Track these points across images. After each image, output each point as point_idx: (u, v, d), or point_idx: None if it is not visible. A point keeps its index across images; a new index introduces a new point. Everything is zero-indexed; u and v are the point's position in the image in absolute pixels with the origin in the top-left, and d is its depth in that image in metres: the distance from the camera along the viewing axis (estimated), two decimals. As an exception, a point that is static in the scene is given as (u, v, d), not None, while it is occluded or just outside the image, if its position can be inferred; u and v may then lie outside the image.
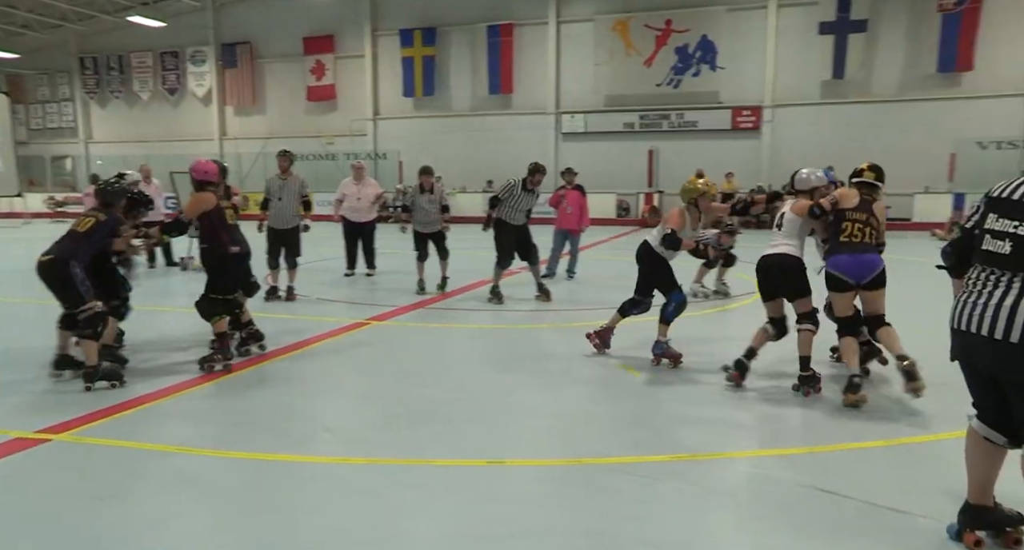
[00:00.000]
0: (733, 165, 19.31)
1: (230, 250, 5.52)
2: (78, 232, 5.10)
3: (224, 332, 5.52)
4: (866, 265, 4.64)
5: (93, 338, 4.92)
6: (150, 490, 3.45)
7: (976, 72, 18.06)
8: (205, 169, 5.64)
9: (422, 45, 22.62)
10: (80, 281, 4.91)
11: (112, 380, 4.99)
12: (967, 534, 2.86)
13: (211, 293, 5.54)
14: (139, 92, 26.74)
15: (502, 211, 8.06)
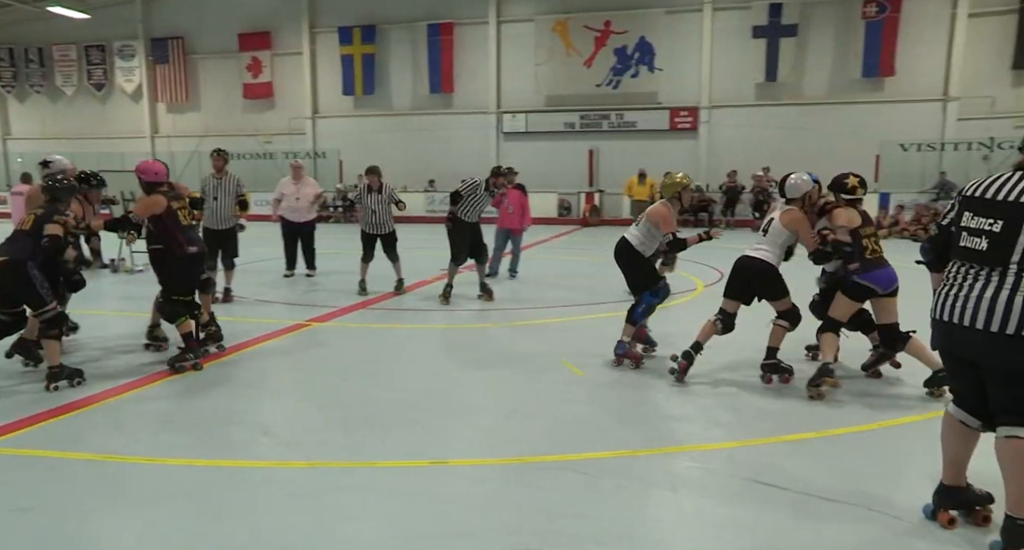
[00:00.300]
0: (672, 165, 19.48)
1: (188, 250, 5.45)
2: (24, 231, 4.97)
3: (190, 332, 5.46)
4: (893, 276, 4.86)
5: (56, 338, 4.88)
6: (76, 501, 3.31)
7: (898, 77, 18.90)
8: (155, 170, 5.55)
9: (361, 43, 22.34)
10: (39, 283, 4.86)
11: (75, 378, 4.94)
12: (941, 513, 3.05)
13: (172, 295, 5.47)
14: (62, 87, 25.57)
15: (460, 208, 8.02)
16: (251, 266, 11.11)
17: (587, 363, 5.62)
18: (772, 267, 5.04)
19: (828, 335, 4.95)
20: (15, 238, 4.98)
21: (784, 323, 5.10)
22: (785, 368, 5.08)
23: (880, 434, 4.14)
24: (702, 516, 3.15)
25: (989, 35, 18.39)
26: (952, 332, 2.84)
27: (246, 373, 5.46)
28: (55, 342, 4.90)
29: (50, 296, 4.92)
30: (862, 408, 4.57)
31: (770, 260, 5.04)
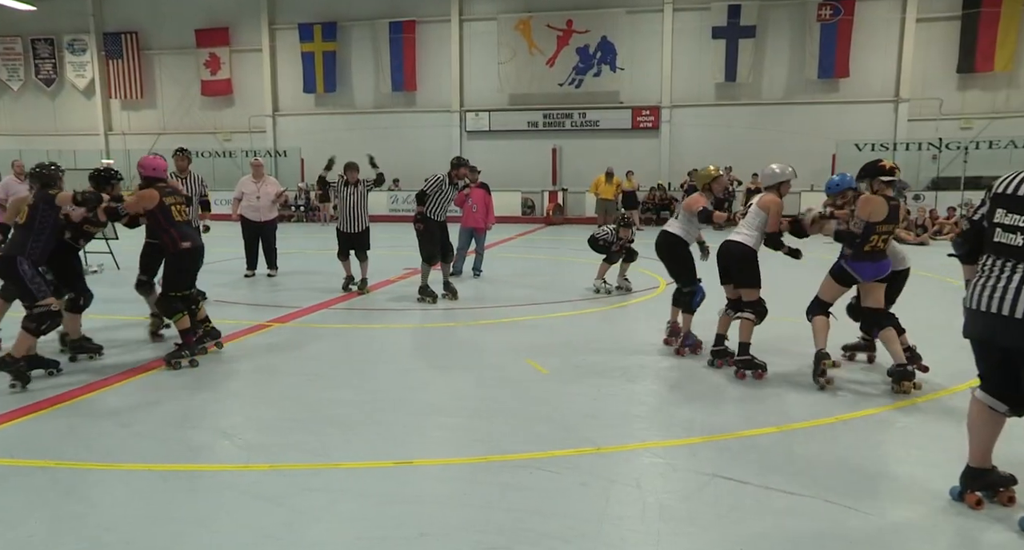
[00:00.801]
0: (634, 163, 19.89)
1: (180, 246, 5.46)
2: (21, 225, 5.01)
3: (188, 328, 5.47)
4: (882, 271, 5.03)
5: (32, 333, 4.86)
6: (28, 509, 3.21)
7: (852, 79, 19.40)
8: (153, 165, 5.60)
9: (322, 40, 22.09)
10: (29, 278, 4.88)
11: (16, 381, 4.83)
12: (969, 495, 3.19)
13: (169, 290, 5.49)
14: (8, 81, 24.77)
15: (428, 207, 7.98)
16: (211, 266, 10.90)
17: (551, 361, 5.65)
18: (752, 251, 5.21)
19: (818, 319, 5.08)
20: (15, 232, 5.04)
21: (750, 316, 5.17)
22: (759, 364, 5.14)
23: (838, 428, 4.24)
24: (666, 512, 3.19)
25: (936, 40, 18.99)
26: (987, 320, 2.99)
27: (206, 375, 5.36)
28: (30, 337, 4.85)
29: (42, 291, 4.90)
30: (823, 403, 4.67)
31: (749, 244, 5.20)
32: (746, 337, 5.17)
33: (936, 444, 3.99)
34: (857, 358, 5.73)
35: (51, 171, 5.28)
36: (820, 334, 5.04)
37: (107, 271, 10.49)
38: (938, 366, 5.48)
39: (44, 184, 5.18)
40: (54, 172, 5.28)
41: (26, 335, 4.86)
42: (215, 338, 5.98)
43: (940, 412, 4.51)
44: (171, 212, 5.48)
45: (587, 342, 6.32)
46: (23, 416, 4.38)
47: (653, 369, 5.51)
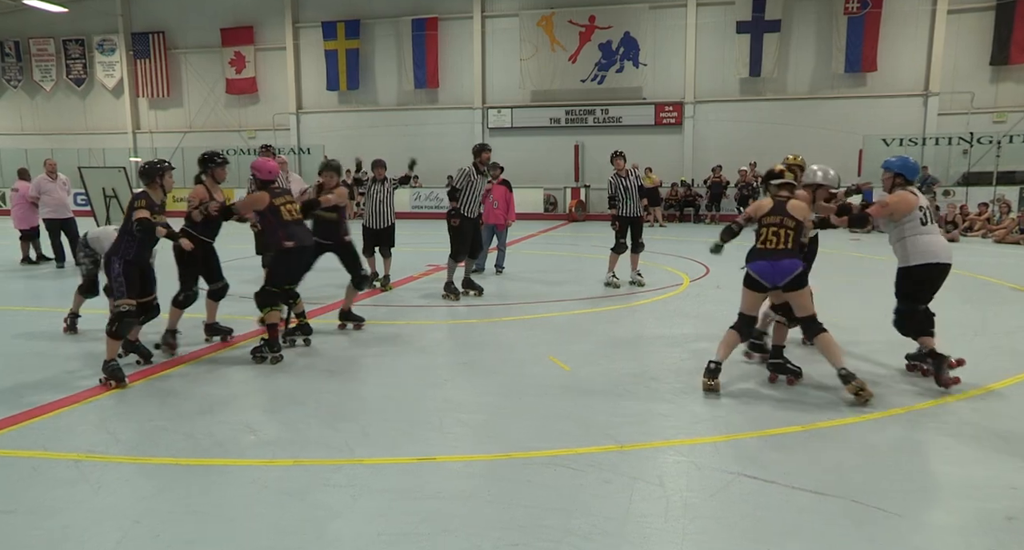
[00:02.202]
0: (656, 160, 19.79)
1: (284, 244, 5.65)
2: (122, 225, 5.21)
3: (275, 324, 5.66)
4: (781, 270, 4.69)
5: (109, 335, 4.97)
6: (59, 501, 3.27)
7: (879, 73, 19.07)
8: (268, 168, 5.79)
9: (345, 38, 22.21)
10: (114, 277, 5.04)
11: (112, 379, 4.91)
12: None
13: (269, 285, 5.71)
14: (40, 82, 25.24)
15: (461, 203, 7.98)
16: (232, 263, 11.02)
17: (573, 358, 5.63)
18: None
19: (730, 332, 4.87)
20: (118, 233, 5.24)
21: (783, 319, 5.02)
22: (792, 369, 4.98)
23: (865, 427, 4.18)
24: (690, 510, 3.16)
25: (968, 31, 18.59)
26: None
27: (230, 371, 5.42)
28: (110, 339, 4.96)
29: (121, 292, 5.03)
30: (846, 403, 4.60)
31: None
32: (780, 340, 5.05)
33: (966, 445, 3.92)
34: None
35: (148, 170, 5.40)
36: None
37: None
38: (971, 366, 5.38)
39: (146, 184, 5.34)
40: (150, 168, 5.40)
41: (107, 338, 4.98)
42: (307, 333, 6.17)
43: (971, 412, 4.43)
44: (280, 213, 5.69)
45: (609, 339, 6.29)
46: (54, 410, 4.46)
47: (675, 367, 5.47)
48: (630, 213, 8.59)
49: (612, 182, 8.59)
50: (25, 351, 6.00)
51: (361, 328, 6.68)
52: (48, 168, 10.90)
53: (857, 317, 6.85)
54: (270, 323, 5.62)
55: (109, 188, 10.62)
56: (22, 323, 7.19)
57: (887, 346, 5.98)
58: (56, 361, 5.67)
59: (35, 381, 5.10)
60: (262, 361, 5.52)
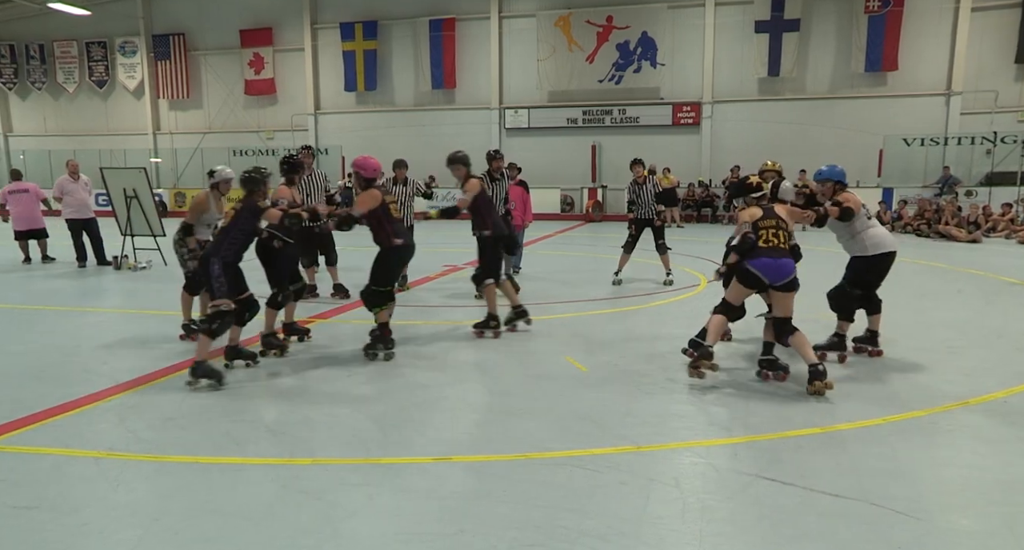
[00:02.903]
0: (674, 160, 19.69)
1: (394, 242, 5.66)
2: (224, 227, 5.23)
3: (386, 322, 5.71)
4: (786, 270, 4.83)
5: (207, 334, 4.97)
6: (80, 498, 3.31)
7: (901, 72, 18.84)
8: (373, 166, 5.73)
9: (363, 39, 22.32)
10: (215, 277, 5.05)
11: (213, 378, 4.96)
12: None
13: (375, 285, 5.68)
14: (64, 83, 25.60)
15: None
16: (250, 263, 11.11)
17: (590, 359, 5.62)
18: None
19: (717, 317, 5.02)
20: (219, 233, 5.27)
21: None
22: (781, 366, 5.06)
23: (884, 429, 4.13)
24: (707, 512, 3.14)
25: (992, 29, 18.33)
26: None
27: (248, 370, 5.46)
28: (207, 338, 4.97)
29: (221, 292, 5.05)
30: (865, 404, 4.56)
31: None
32: (771, 337, 5.11)
33: (986, 447, 3.86)
34: (828, 358, 5.46)
35: (256, 177, 5.38)
36: (714, 333, 4.97)
37: (155, 267, 10.75)
38: (993, 368, 5.31)
39: (252, 190, 5.30)
40: (260, 178, 5.38)
41: (203, 337, 5.00)
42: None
43: (990, 414, 4.37)
44: (389, 210, 5.70)
45: (626, 339, 6.27)
46: (75, 409, 4.52)
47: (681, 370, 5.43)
48: (646, 215, 8.96)
49: (631, 187, 9.08)
50: (47, 350, 6.08)
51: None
52: (70, 169, 11.05)
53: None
54: (381, 322, 5.66)
55: (130, 189, 10.73)
56: (44, 322, 7.29)
57: (896, 346, 5.92)
58: (77, 360, 5.75)
59: (57, 379, 5.17)
60: (374, 358, 5.60)
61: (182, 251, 6.24)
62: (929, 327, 6.65)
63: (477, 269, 6.59)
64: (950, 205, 15.29)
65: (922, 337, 6.28)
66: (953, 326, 6.66)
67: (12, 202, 11.21)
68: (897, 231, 16.07)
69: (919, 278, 9.86)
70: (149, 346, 6.17)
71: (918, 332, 6.46)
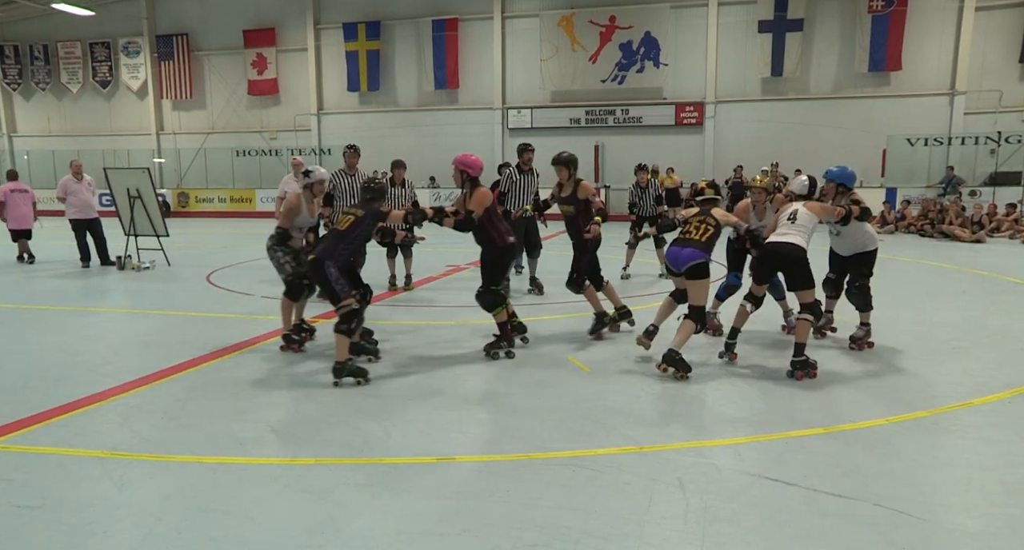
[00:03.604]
0: (677, 160, 19.69)
1: (508, 240, 5.65)
2: (338, 230, 5.25)
3: (506, 321, 5.70)
4: (680, 257, 5.33)
5: (345, 334, 5.05)
6: (84, 498, 3.32)
7: (904, 72, 18.81)
8: (480, 165, 5.70)
9: (366, 39, 22.34)
10: (334, 280, 5.11)
11: (358, 377, 5.03)
12: None
13: (491, 284, 5.67)
14: (67, 84, 25.66)
15: (510, 204, 8.07)
16: (251, 264, 11.12)
17: (593, 359, 5.62)
18: (805, 251, 5.23)
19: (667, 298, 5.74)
20: (330, 236, 5.32)
21: (809, 316, 5.15)
22: (812, 363, 5.09)
23: (887, 430, 4.12)
24: (710, 512, 3.14)
25: (996, 28, 18.29)
26: None
27: (251, 370, 5.47)
28: (344, 337, 5.04)
29: (345, 292, 5.11)
30: (868, 404, 4.55)
31: (803, 245, 5.24)
32: (803, 338, 5.09)
33: (990, 448, 3.85)
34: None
35: (381, 185, 5.46)
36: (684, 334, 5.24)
37: (159, 267, 10.77)
38: (997, 368, 5.30)
39: (374, 198, 5.37)
40: (383, 186, 5.46)
41: (341, 338, 5.05)
42: (521, 332, 6.10)
43: (994, 415, 4.36)
44: (497, 209, 5.72)
45: (629, 340, 6.26)
46: (79, 408, 4.53)
47: (696, 368, 5.43)
48: (647, 213, 9.52)
49: (633, 191, 9.49)
50: (51, 349, 6.09)
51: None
52: (74, 169, 11.08)
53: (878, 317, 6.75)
54: (500, 321, 5.67)
55: (133, 189, 10.75)
56: (48, 322, 7.31)
57: (900, 346, 5.91)
58: (81, 359, 5.76)
59: (60, 379, 5.18)
60: (496, 358, 5.61)
61: (277, 255, 6.06)
62: (933, 327, 6.64)
63: (571, 273, 6.50)
64: (954, 205, 15.25)
65: (926, 337, 6.26)
66: (957, 326, 6.65)
67: (11, 202, 11.27)
68: (901, 231, 16.05)
69: (923, 278, 9.84)
70: (153, 346, 6.19)
71: (922, 332, 6.45)
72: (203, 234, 17.31)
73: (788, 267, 5.25)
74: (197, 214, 23.35)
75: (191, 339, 6.35)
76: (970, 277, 9.74)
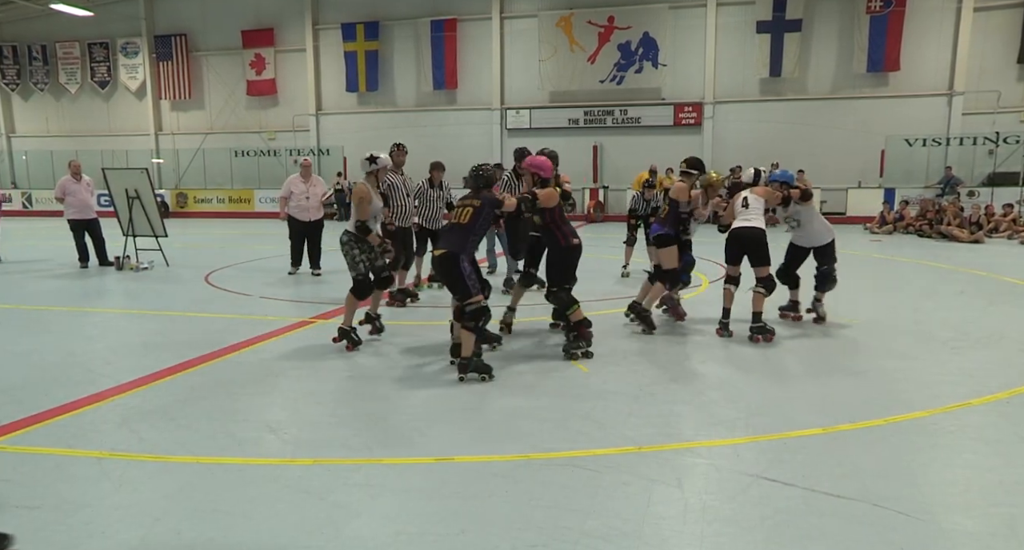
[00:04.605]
0: (676, 161, 19.56)
1: (572, 241, 5.71)
2: (462, 225, 5.22)
3: (581, 320, 5.71)
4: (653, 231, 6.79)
5: (473, 331, 5.08)
6: (82, 498, 3.31)
7: (902, 72, 18.83)
8: (550, 167, 5.76)
9: (365, 39, 22.33)
10: (467, 275, 5.12)
11: (483, 373, 5.05)
12: None
13: (563, 284, 5.73)
14: (66, 84, 25.63)
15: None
16: (252, 264, 11.12)
17: (592, 359, 5.62)
18: (764, 233, 6.23)
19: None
20: (450, 233, 5.31)
21: (762, 290, 6.17)
22: (769, 329, 6.08)
23: (886, 430, 4.13)
24: (708, 512, 3.14)
25: (994, 29, 18.32)
26: None
27: (251, 370, 5.47)
28: (471, 334, 5.05)
29: (476, 289, 5.12)
30: (867, 404, 4.56)
31: (762, 226, 6.25)
32: (759, 307, 6.10)
33: (988, 448, 3.85)
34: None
35: (491, 173, 5.43)
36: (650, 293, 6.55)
37: (157, 267, 10.77)
38: (995, 369, 5.31)
39: (485, 185, 5.36)
40: (493, 174, 5.44)
41: (467, 334, 5.05)
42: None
43: (992, 415, 4.37)
44: (562, 210, 5.75)
45: (628, 340, 6.27)
46: (77, 409, 4.52)
47: (695, 368, 5.44)
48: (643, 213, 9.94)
49: (636, 199, 9.91)
50: (49, 350, 6.09)
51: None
52: (73, 169, 11.07)
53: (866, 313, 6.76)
54: (577, 320, 5.68)
55: (132, 189, 10.74)
56: (46, 322, 7.30)
57: (898, 346, 5.91)
58: (79, 360, 5.75)
59: (59, 379, 5.18)
60: (575, 358, 5.59)
61: (354, 253, 5.92)
62: (931, 327, 6.65)
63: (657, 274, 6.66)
64: (952, 206, 15.27)
65: (924, 338, 6.27)
66: (955, 327, 6.66)
67: None
68: (899, 232, 16.05)
69: (921, 278, 9.85)
70: (151, 346, 6.18)
71: (920, 332, 6.46)
72: (202, 234, 17.30)
73: (750, 247, 6.18)
74: (196, 214, 23.34)
75: (190, 339, 6.34)
76: (968, 277, 9.75)
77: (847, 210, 18.35)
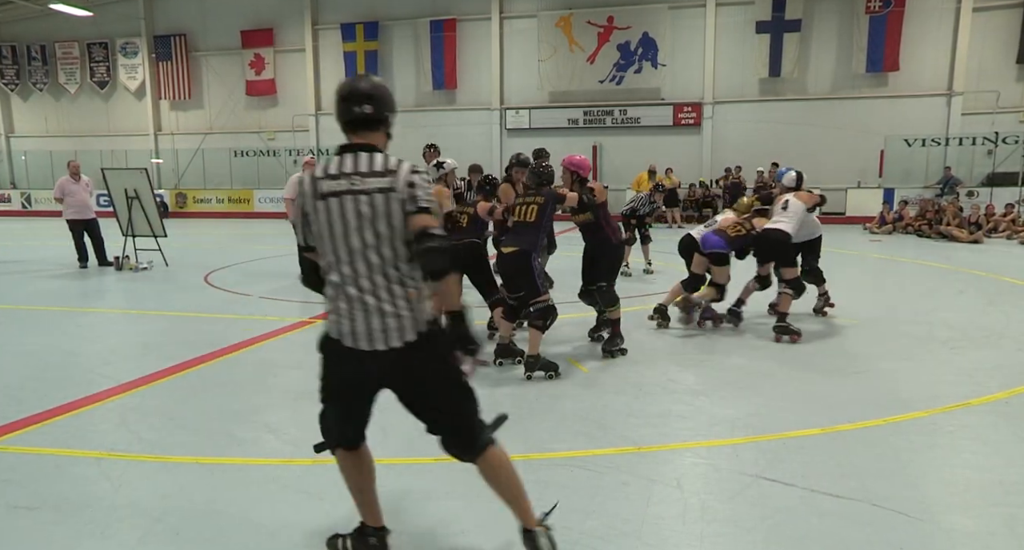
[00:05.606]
0: (675, 160, 19.69)
1: (617, 239, 5.82)
2: (529, 223, 5.23)
3: (618, 319, 5.78)
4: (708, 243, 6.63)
5: (540, 329, 5.06)
6: (81, 498, 3.31)
7: (902, 72, 18.83)
8: (588, 166, 5.78)
9: (364, 40, 22.33)
10: (537, 274, 5.14)
11: (549, 371, 5.08)
12: None
13: (611, 282, 5.75)
14: (65, 84, 25.61)
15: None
16: (252, 264, 11.12)
17: (591, 360, 5.62)
18: (790, 236, 6.23)
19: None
20: (519, 231, 5.27)
21: (790, 291, 6.19)
22: (794, 330, 6.04)
23: (885, 430, 4.13)
24: (708, 513, 3.14)
25: (994, 29, 18.32)
26: None
27: (250, 370, 5.47)
28: (538, 332, 5.06)
29: (545, 287, 5.14)
30: (866, 404, 4.56)
31: (789, 231, 6.22)
32: (785, 308, 6.16)
33: (988, 448, 3.86)
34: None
35: (551, 170, 5.46)
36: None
37: (156, 267, 10.76)
38: (995, 368, 5.31)
39: (545, 182, 5.38)
40: (552, 170, 5.47)
41: (535, 332, 5.05)
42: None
43: (991, 415, 4.37)
44: (607, 209, 5.80)
45: (628, 340, 6.26)
46: (77, 409, 4.52)
47: (694, 368, 5.44)
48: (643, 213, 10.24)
49: (642, 199, 10.09)
50: (48, 350, 6.08)
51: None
52: (72, 170, 11.06)
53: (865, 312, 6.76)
54: (615, 318, 5.73)
55: (131, 189, 10.74)
56: (46, 323, 7.30)
57: (898, 346, 5.92)
58: (79, 360, 5.75)
59: (58, 379, 5.18)
60: (612, 355, 5.63)
61: None
62: (931, 327, 6.65)
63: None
64: (952, 206, 15.27)
65: (924, 338, 6.27)
66: (954, 326, 6.66)
67: None
68: (898, 232, 16.06)
69: (921, 278, 9.85)
70: (151, 346, 6.18)
71: (920, 332, 6.46)
72: (201, 234, 17.30)
73: (776, 250, 6.29)
74: (195, 214, 23.32)
75: (189, 339, 6.34)
76: (968, 277, 9.75)
77: (846, 210, 18.35)
